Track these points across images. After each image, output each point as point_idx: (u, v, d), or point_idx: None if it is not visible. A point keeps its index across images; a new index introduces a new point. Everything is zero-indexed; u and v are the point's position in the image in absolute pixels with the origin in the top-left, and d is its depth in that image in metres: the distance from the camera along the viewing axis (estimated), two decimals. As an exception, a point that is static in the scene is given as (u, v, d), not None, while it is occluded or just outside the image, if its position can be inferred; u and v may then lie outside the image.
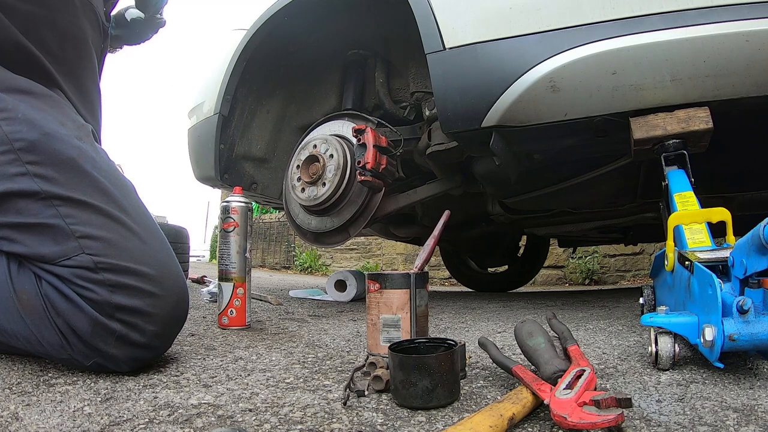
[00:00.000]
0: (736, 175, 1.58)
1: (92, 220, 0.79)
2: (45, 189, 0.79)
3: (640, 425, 0.56)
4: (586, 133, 1.28)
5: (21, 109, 0.83)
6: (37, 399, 0.67)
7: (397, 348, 0.70)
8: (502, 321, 1.45)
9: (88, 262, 0.76)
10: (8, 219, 0.79)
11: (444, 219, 0.96)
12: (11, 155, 0.79)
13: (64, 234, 0.77)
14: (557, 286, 4.38)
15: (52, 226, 0.78)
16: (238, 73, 1.84)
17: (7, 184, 0.78)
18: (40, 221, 0.78)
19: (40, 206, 0.78)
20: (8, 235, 0.79)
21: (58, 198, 0.79)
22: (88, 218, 0.79)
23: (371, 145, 1.53)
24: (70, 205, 0.79)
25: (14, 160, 0.79)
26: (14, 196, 0.78)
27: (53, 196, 0.79)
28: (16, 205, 0.78)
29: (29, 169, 0.79)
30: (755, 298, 0.70)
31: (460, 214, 2.19)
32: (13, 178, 0.79)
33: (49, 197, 0.79)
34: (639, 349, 0.95)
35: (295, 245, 6.93)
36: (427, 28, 1.32)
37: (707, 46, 1.08)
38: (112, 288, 0.76)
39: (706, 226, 0.93)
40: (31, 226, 0.78)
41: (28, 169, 0.79)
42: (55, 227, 0.78)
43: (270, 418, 0.61)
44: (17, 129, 0.80)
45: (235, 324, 1.23)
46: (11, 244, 0.79)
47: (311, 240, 1.83)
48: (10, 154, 0.79)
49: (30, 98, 0.86)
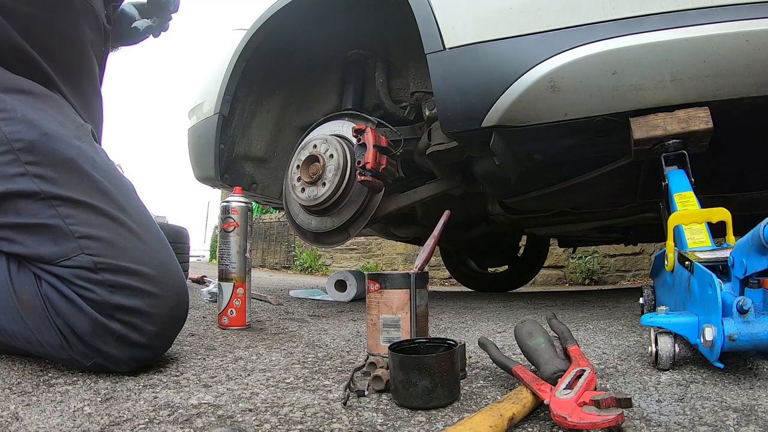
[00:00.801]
0: (736, 175, 1.57)
1: (92, 220, 0.79)
2: (44, 189, 0.79)
3: (640, 425, 0.56)
4: (586, 133, 1.28)
5: (20, 109, 0.82)
6: (37, 399, 0.67)
7: (397, 348, 0.70)
8: (502, 321, 1.45)
9: (88, 263, 0.76)
10: (8, 219, 0.79)
11: (444, 219, 0.96)
12: (10, 155, 0.79)
13: (64, 234, 0.77)
14: (557, 286, 4.38)
15: (52, 227, 0.78)
16: (238, 73, 1.84)
17: (7, 184, 0.78)
18: (39, 222, 0.78)
19: (40, 206, 0.78)
20: (8, 235, 0.79)
21: (57, 198, 0.79)
22: (88, 218, 0.79)
23: (371, 145, 1.53)
24: (70, 206, 0.79)
25: (13, 161, 0.79)
26: (14, 196, 0.78)
27: (53, 196, 0.79)
28: (16, 205, 0.78)
29: (28, 169, 0.79)
30: (755, 298, 0.70)
31: (460, 214, 2.19)
32: (12, 178, 0.78)
33: (48, 197, 0.78)
34: (639, 349, 0.95)
35: (295, 245, 6.93)
36: (427, 28, 1.32)
37: (707, 46, 1.08)
38: (112, 288, 0.76)
39: (706, 226, 0.93)
40: (30, 227, 0.78)
41: (28, 169, 0.79)
42: (55, 227, 0.78)
43: (270, 418, 0.61)
44: (16, 129, 0.80)
45: (235, 324, 1.23)
46: (11, 245, 0.79)
47: (311, 240, 1.83)
48: (10, 154, 0.79)
49: (29, 98, 0.86)
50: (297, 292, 2.46)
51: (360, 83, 1.88)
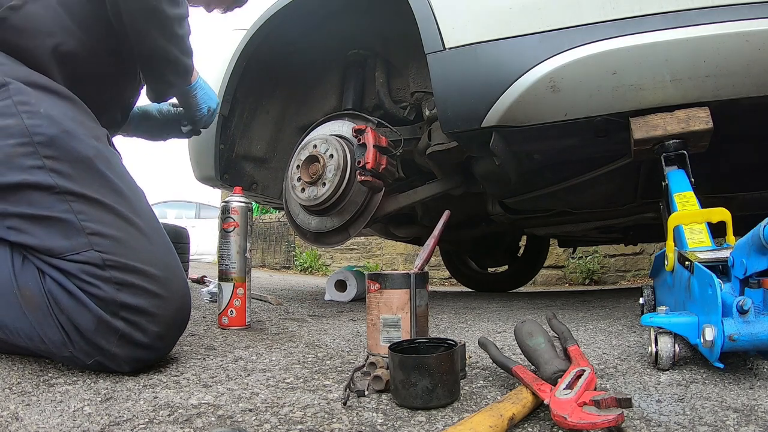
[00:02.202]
0: (736, 175, 1.57)
1: (103, 218, 0.81)
2: (60, 184, 0.80)
3: (640, 425, 0.56)
4: (586, 133, 1.28)
5: (44, 105, 0.84)
6: (37, 399, 0.67)
7: (397, 348, 0.70)
8: (502, 321, 1.45)
9: (97, 259, 0.77)
10: (20, 209, 0.80)
11: (444, 219, 0.96)
12: (30, 147, 0.81)
13: (75, 229, 0.78)
14: (557, 286, 4.39)
15: (64, 221, 0.79)
16: (238, 74, 1.84)
17: (23, 175, 0.79)
18: (52, 214, 0.79)
19: (54, 200, 0.79)
20: (18, 225, 0.80)
21: (72, 194, 0.80)
22: (100, 216, 0.80)
23: (371, 145, 1.53)
24: (83, 202, 0.80)
25: (32, 153, 0.80)
26: (29, 187, 0.79)
27: (67, 191, 0.80)
28: (30, 196, 0.79)
29: (46, 163, 0.80)
30: (755, 298, 0.70)
31: (460, 214, 2.19)
32: (29, 170, 0.80)
33: (63, 192, 0.80)
34: (639, 349, 0.95)
35: (295, 245, 6.93)
36: (427, 28, 1.32)
37: (707, 46, 1.08)
38: (119, 286, 0.77)
39: (706, 226, 0.93)
40: (42, 219, 0.79)
41: (45, 163, 0.80)
42: (67, 222, 0.79)
43: (270, 418, 0.61)
44: (38, 123, 0.82)
45: (235, 324, 1.23)
46: (20, 234, 0.80)
47: (311, 240, 1.83)
48: (29, 146, 0.81)
49: (53, 97, 0.88)
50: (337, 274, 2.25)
51: (360, 83, 1.87)
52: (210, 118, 1.32)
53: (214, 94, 1.31)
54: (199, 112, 1.28)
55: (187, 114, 1.30)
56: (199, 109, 1.27)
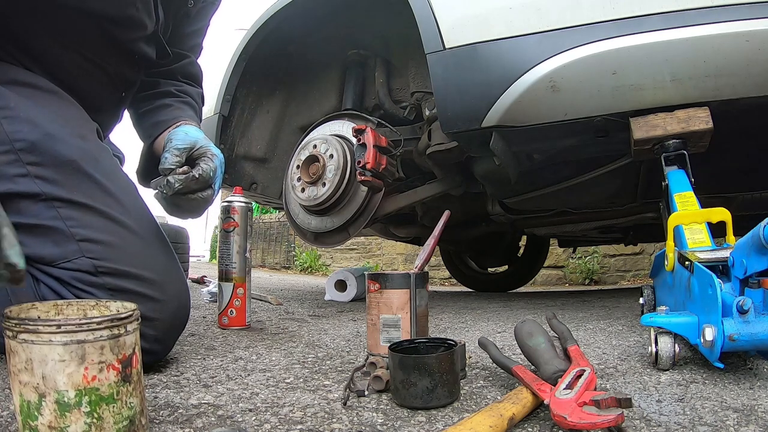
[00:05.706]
0: (736, 175, 1.57)
1: (93, 222, 0.79)
2: (46, 191, 0.78)
3: (640, 425, 0.56)
4: (586, 133, 1.28)
5: (23, 107, 0.81)
6: (37, 399, 0.66)
7: (397, 348, 0.70)
8: (502, 321, 1.45)
9: (88, 266, 0.76)
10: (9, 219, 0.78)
11: (444, 219, 0.96)
12: (12, 155, 0.78)
13: (65, 236, 0.77)
14: (557, 286, 4.38)
15: (53, 228, 0.77)
16: (238, 73, 1.84)
17: (8, 185, 0.77)
18: (40, 223, 0.77)
19: (41, 208, 0.77)
20: None
21: (59, 200, 0.78)
22: (89, 221, 0.79)
23: (371, 145, 1.52)
24: (72, 208, 0.78)
25: (15, 161, 0.78)
26: (15, 197, 0.77)
27: (54, 198, 0.78)
28: (17, 205, 0.78)
29: (30, 170, 0.78)
30: (755, 298, 0.70)
31: (460, 214, 2.19)
32: (14, 179, 0.78)
33: (49, 199, 0.78)
34: (639, 349, 0.95)
35: (295, 245, 6.93)
36: (427, 28, 1.32)
37: (707, 46, 1.08)
38: (112, 292, 0.76)
39: (706, 226, 0.93)
40: (31, 228, 0.77)
41: (29, 170, 0.78)
42: (56, 229, 0.77)
43: (270, 418, 0.61)
44: (18, 128, 0.79)
45: (235, 324, 1.23)
46: None
47: (311, 240, 1.83)
48: (11, 154, 0.78)
49: (33, 93, 0.84)
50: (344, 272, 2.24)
51: (360, 83, 1.87)
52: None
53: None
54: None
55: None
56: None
